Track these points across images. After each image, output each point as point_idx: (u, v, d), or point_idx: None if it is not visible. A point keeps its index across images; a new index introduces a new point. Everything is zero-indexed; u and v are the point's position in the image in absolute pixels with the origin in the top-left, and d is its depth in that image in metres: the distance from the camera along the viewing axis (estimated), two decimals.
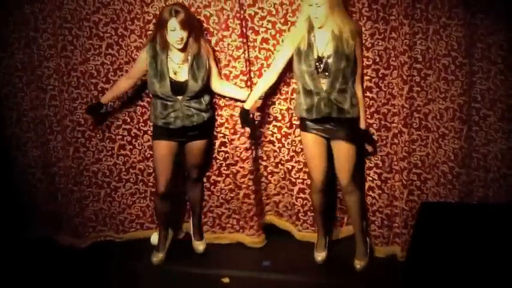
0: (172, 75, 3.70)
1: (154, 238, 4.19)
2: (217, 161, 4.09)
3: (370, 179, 3.89)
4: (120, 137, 4.15)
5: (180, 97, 3.71)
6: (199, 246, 4.15)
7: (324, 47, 3.55)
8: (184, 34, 3.59)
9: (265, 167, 4.13)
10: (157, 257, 4.05)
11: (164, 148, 3.83)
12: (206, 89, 3.78)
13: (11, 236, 4.20)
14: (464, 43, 3.51)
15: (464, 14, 3.48)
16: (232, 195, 4.14)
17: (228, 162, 4.06)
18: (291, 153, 4.02)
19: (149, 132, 4.06)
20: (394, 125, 3.78)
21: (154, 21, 3.81)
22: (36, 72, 4.07)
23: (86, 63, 4.01)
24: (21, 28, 4.01)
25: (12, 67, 4.09)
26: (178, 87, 3.70)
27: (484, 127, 3.64)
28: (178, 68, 3.70)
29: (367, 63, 3.70)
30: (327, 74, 3.55)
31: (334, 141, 3.68)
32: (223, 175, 4.12)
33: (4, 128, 4.19)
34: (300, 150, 3.98)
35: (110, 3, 3.92)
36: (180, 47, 3.63)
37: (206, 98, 3.79)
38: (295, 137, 3.97)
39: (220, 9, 3.78)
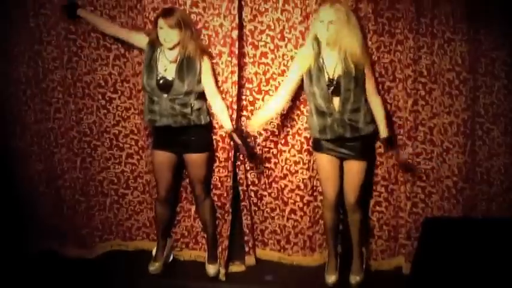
0: (162, 71, 3.71)
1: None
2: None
3: (377, 193, 3.91)
4: (128, 145, 4.16)
5: (165, 95, 3.71)
6: (210, 269, 4.02)
7: (334, 67, 3.56)
8: (172, 33, 3.60)
9: (256, 191, 4.08)
10: (154, 266, 4.03)
11: (161, 158, 3.85)
12: (197, 95, 3.74)
13: (16, 250, 4.17)
14: (469, 58, 3.57)
15: (468, 29, 3.54)
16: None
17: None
18: (285, 171, 3.99)
19: None
20: (400, 137, 3.81)
21: None
22: (41, 86, 4.04)
23: (93, 73, 4.00)
24: (25, 41, 3.97)
25: (16, 80, 4.05)
26: (165, 84, 3.70)
27: (487, 141, 3.69)
28: (169, 64, 3.71)
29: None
30: (338, 95, 3.56)
31: (347, 160, 3.71)
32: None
33: (8, 141, 4.15)
34: (294, 171, 3.95)
35: (116, 16, 3.91)
36: (169, 45, 3.65)
37: (195, 105, 3.74)
38: (290, 156, 3.95)
39: (219, 25, 3.79)
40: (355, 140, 3.64)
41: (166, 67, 3.70)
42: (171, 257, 4.21)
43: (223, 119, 3.79)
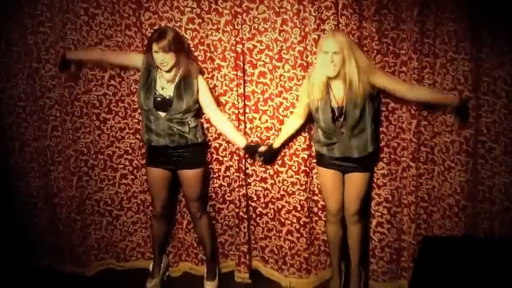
0: (159, 90, 3.69)
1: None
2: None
3: (379, 214, 3.86)
4: (122, 166, 4.16)
5: (163, 114, 3.70)
6: (207, 286, 4.01)
7: (340, 96, 3.53)
8: (167, 57, 3.58)
9: (254, 208, 4.08)
10: (151, 283, 4.02)
11: (155, 175, 3.84)
12: (194, 113, 3.75)
13: (14, 265, 4.19)
14: (471, 77, 3.49)
15: (471, 48, 3.46)
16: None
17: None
18: (282, 192, 3.97)
19: None
20: (404, 159, 3.77)
21: None
22: (39, 103, 4.09)
23: (89, 94, 4.02)
24: (24, 59, 4.04)
25: (15, 97, 4.12)
26: (163, 103, 3.68)
27: (489, 160, 3.64)
28: (166, 84, 3.70)
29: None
30: (344, 122, 3.55)
31: (349, 173, 3.68)
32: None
33: (7, 158, 4.20)
34: (291, 192, 3.94)
35: (112, 35, 3.94)
36: (165, 69, 3.64)
37: (192, 123, 3.74)
38: (287, 177, 3.93)
39: (218, 39, 3.79)
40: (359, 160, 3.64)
41: (164, 86, 3.70)
42: (166, 274, 4.17)
43: (234, 138, 3.82)
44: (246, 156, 3.94)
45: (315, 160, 3.83)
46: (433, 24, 3.53)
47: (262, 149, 3.84)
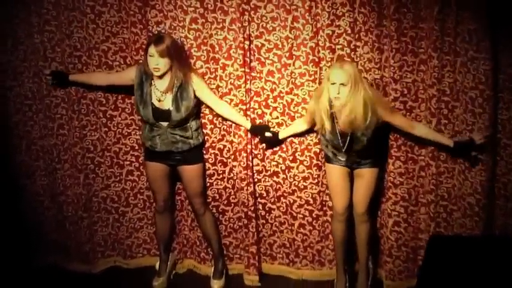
0: (156, 102, 3.71)
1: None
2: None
3: (396, 213, 3.86)
4: (128, 162, 4.17)
5: (164, 124, 3.72)
6: (215, 285, 4.01)
7: (346, 124, 3.53)
8: (162, 62, 3.59)
9: (264, 204, 4.09)
10: (158, 281, 4.03)
11: (154, 169, 3.87)
12: (193, 116, 3.77)
13: (21, 263, 4.20)
14: (492, 76, 3.52)
15: (491, 47, 3.49)
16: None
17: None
18: (293, 187, 3.99)
19: None
20: (422, 157, 3.78)
21: None
22: (45, 101, 4.10)
23: (95, 91, 4.04)
24: (31, 57, 4.04)
25: (22, 96, 4.12)
26: (161, 115, 3.71)
27: (504, 156, 3.69)
28: (162, 96, 3.70)
29: (395, 95, 3.70)
30: (350, 149, 3.59)
31: (358, 168, 3.69)
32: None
33: (14, 156, 4.20)
34: (302, 187, 3.97)
35: (118, 32, 3.95)
36: (157, 74, 3.64)
37: (193, 125, 3.77)
38: (299, 172, 3.96)
39: (224, 38, 3.81)
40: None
41: (160, 98, 3.71)
42: (173, 272, 4.18)
43: (238, 120, 3.84)
44: (253, 153, 3.97)
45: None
46: (454, 22, 3.54)
47: (268, 134, 3.85)
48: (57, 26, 3.96)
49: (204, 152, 3.98)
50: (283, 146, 3.96)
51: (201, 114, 3.94)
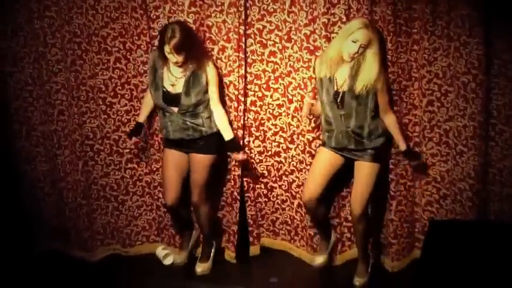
0: (169, 87, 3.72)
1: (160, 251, 4.17)
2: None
3: (398, 193, 3.86)
4: (128, 150, 4.18)
5: (175, 109, 3.73)
6: (199, 268, 4.03)
7: (343, 81, 3.53)
8: (179, 58, 3.61)
9: (266, 183, 4.12)
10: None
11: (171, 156, 3.86)
12: (206, 104, 3.76)
13: (20, 250, 4.20)
14: (485, 61, 3.52)
15: (485, 32, 3.49)
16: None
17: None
18: (292, 168, 4.03)
19: (155, 145, 4.12)
20: (416, 134, 3.83)
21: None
22: (45, 87, 4.11)
23: (95, 78, 4.04)
24: (31, 43, 4.05)
25: (22, 81, 4.13)
26: (172, 99, 3.71)
27: (499, 142, 3.68)
28: (175, 81, 3.72)
29: (392, 77, 3.71)
30: (342, 108, 3.54)
31: (358, 161, 3.63)
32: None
33: (14, 142, 4.21)
34: (299, 168, 3.98)
35: (118, 17, 3.96)
36: (178, 64, 3.67)
37: (205, 113, 3.76)
38: (296, 154, 3.98)
39: (222, 21, 3.82)
40: (363, 150, 3.61)
41: (173, 82, 3.72)
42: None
43: (223, 128, 3.79)
44: (253, 136, 3.99)
45: (320, 142, 3.84)
46: (447, 6, 3.55)
47: (238, 156, 3.79)
48: (57, 12, 3.97)
49: None
50: (284, 126, 3.98)
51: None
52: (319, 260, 3.89)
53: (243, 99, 3.92)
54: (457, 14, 3.54)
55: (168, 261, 4.15)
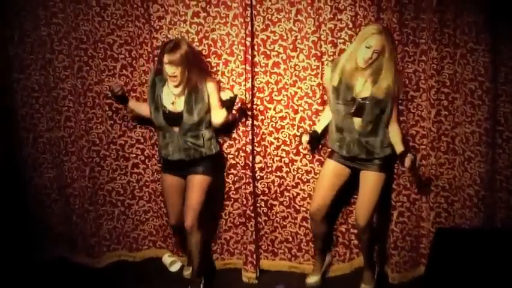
0: (169, 106, 3.69)
1: (166, 258, 4.17)
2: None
3: (400, 203, 3.86)
4: (134, 155, 4.18)
5: (176, 129, 3.70)
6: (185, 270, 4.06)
7: (361, 88, 3.51)
8: (177, 70, 3.56)
9: (266, 201, 4.08)
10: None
11: (169, 182, 3.82)
12: (206, 125, 3.73)
13: (26, 256, 4.21)
14: (491, 68, 3.51)
15: (491, 39, 3.48)
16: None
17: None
18: (296, 180, 3.99)
19: (157, 156, 4.14)
20: (423, 147, 3.79)
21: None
22: (52, 94, 4.12)
23: (101, 84, 4.05)
24: (38, 50, 4.07)
25: (29, 88, 4.14)
26: (174, 118, 3.68)
27: (507, 149, 3.68)
28: (175, 99, 3.69)
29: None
30: (360, 116, 3.51)
31: (363, 171, 3.62)
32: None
33: (21, 149, 4.22)
34: (305, 180, 3.96)
35: (123, 25, 3.97)
36: (175, 83, 3.61)
37: (206, 134, 3.73)
38: (302, 165, 3.96)
39: (226, 34, 3.81)
40: (371, 160, 3.59)
41: (174, 101, 3.70)
42: None
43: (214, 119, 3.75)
44: (254, 152, 3.95)
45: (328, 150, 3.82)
46: (453, 14, 3.55)
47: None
48: (64, 19, 3.98)
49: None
50: (286, 139, 3.95)
51: None
52: (313, 279, 3.90)
53: (250, 113, 3.89)
54: (463, 21, 3.54)
55: (174, 268, 4.16)
